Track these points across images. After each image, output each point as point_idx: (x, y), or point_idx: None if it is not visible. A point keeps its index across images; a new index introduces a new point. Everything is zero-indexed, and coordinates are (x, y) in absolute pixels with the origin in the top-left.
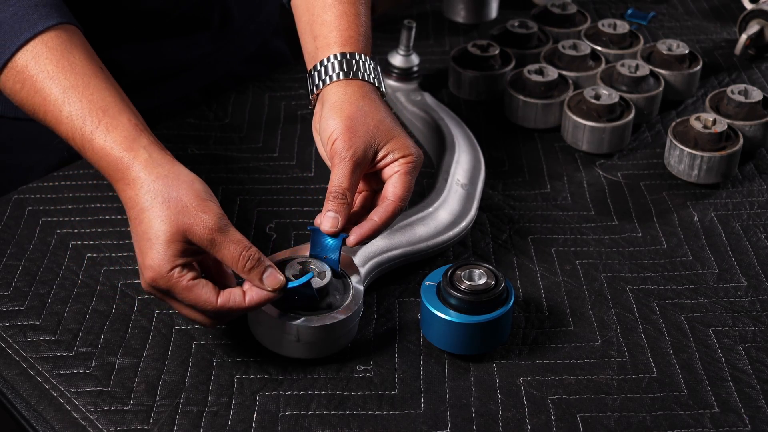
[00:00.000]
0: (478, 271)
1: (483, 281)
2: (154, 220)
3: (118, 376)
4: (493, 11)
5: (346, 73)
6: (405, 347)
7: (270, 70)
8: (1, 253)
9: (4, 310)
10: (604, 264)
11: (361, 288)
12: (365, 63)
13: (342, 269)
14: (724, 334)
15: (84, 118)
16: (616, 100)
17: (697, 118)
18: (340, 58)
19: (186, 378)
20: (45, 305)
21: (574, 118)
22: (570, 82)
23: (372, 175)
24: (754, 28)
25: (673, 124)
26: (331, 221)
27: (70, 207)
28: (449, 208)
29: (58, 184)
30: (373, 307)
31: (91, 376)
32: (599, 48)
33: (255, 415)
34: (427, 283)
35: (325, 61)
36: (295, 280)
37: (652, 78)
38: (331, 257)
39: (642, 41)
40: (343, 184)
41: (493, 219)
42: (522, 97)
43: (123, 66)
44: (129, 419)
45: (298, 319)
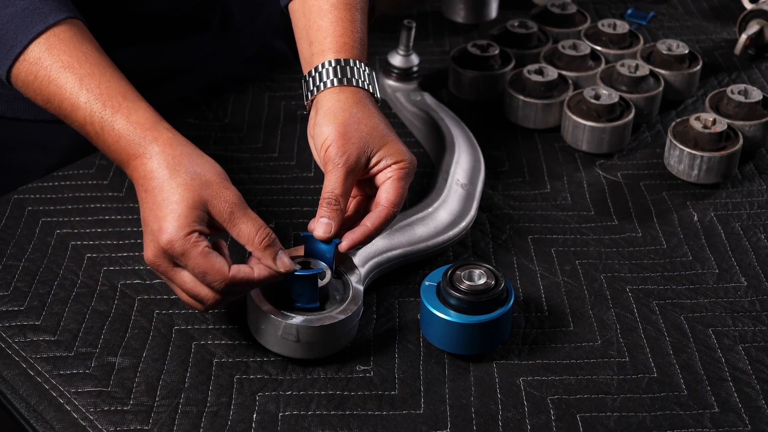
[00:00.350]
0: (478, 271)
1: (483, 281)
2: (178, 188)
3: (118, 376)
4: (493, 11)
5: (341, 79)
6: (405, 347)
7: (270, 71)
8: (1, 253)
9: (4, 310)
10: (604, 264)
11: (361, 288)
12: (360, 69)
13: (342, 269)
14: (723, 334)
15: (104, 102)
16: (616, 100)
17: (697, 118)
18: (335, 65)
19: (186, 378)
20: (45, 305)
21: (574, 118)
22: (570, 82)
23: (365, 181)
24: (754, 28)
25: (673, 124)
26: (324, 227)
27: (70, 207)
28: (449, 208)
29: (57, 184)
30: (373, 307)
31: (90, 376)
32: (599, 48)
33: (255, 415)
34: (427, 283)
35: (320, 67)
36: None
37: (652, 78)
38: (324, 263)
39: (642, 41)
40: (337, 190)
41: (492, 219)
42: (522, 97)
43: (124, 67)
44: (129, 419)
45: (298, 319)
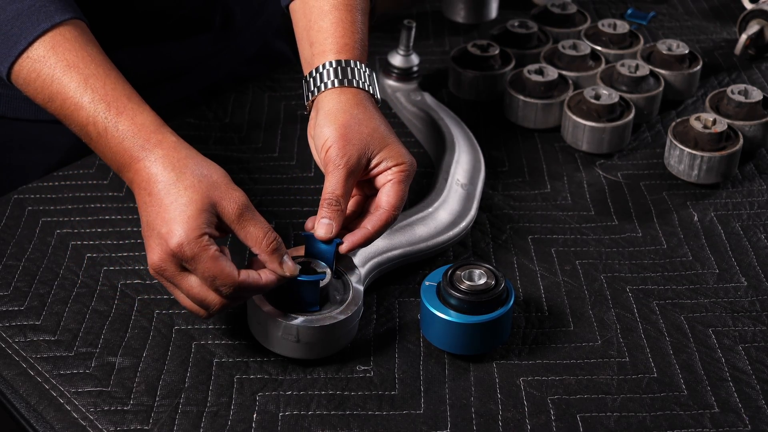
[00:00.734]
0: (478, 271)
1: (483, 281)
2: (186, 190)
3: (118, 376)
4: (493, 11)
5: (341, 80)
6: (405, 347)
7: (270, 71)
8: (1, 253)
9: (4, 310)
10: (604, 264)
11: (361, 288)
12: (360, 70)
13: (342, 269)
14: (724, 334)
15: (109, 103)
16: (616, 100)
17: (697, 118)
18: (336, 66)
19: (186, 378)
20: (45, 305)
21: (574, 118)
22: (570, 82)
23: (365, 182)
24: (754, 28)
25: (673, 124)
26: (325, 228)
27: (70, 207)
28: (449, 208)
29: (58, 184)
30: (373, 307)
31: (91, 376)
32: (599, 48)
33: (255, 415)
34: (427, 283)
35: (321, 68)
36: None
37: (652, 78)
38: (325, 263)
39: (642, 41)
40: (337, 191)
41: (493, 219)
42: (522, 97)
43: (125, 67)
44: (129, 419)
45: (298, 319)
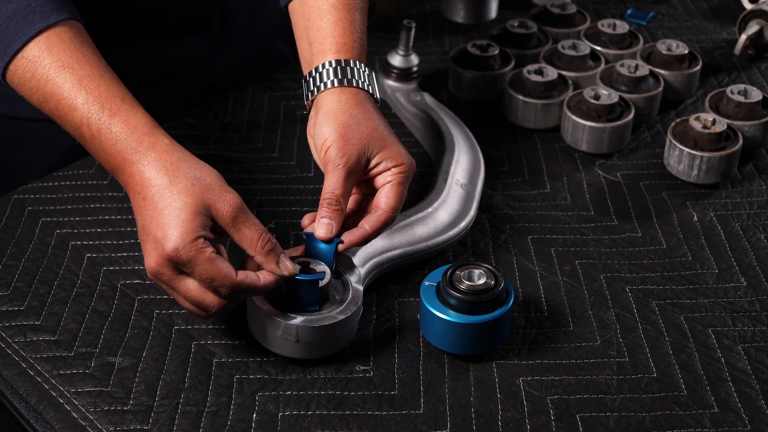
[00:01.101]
0: (477, 271)
1: (482, 281)
2: (179, 194)
3: (118, 376)
4: (493, 11)
5: (341, 80)
6: (405, 347)
7: (270, 71)
8: (1, 253)
9: (4, 310)
10: (603, 264)
11: (361, 288)
12: (360, 70)
13: (341, 269)
14: (723, 334)
15: (102, 105)
16: (616, 100)
17: (697, 118)
18: (335, 65)
19: (186, 378)
20: (45, 305)
21: (574, 118)
22: (569, 82)
23: (364, 181)
24: (753, 28)
25: (673, 124)
26: (325, 227)
27: (70, 207)
28: (449, 208)
29: (57, 184)
30: (373, 307)
31: (90, 376)
32: (599, 48)
33: (255, 415)
34: (426, 283)
35: (320, 68)
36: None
37: (652, 78)
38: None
39: (641, 41)
40: (337, 190)
41: (492, 219)
42: (521, 97)
43: (123, 67)
44: (129, 419)
45: (297, 319)
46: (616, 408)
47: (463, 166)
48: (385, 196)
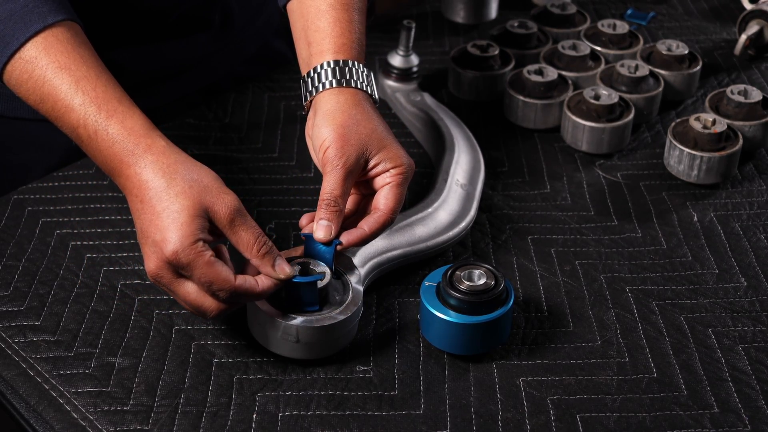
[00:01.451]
0: (477, 272)
1: (482, 281)
2: (177, 197)
3: (118, 376)
4: (493, 11)
5: (339, 80)
6: (405, 347)
7: (270, 71)
8: (1, 253)
9: (4, 310)
10: (603, 264)
11: (361, 288)
12: (358, 70)
13: (341, 270)
14: (723, 334)
15: (99, 106)
16: (616, 100)
17: (697, 119)
18: (333, 66)
19: (186, 378)
20: (45, 306)
21: (574, 118)
22: (570, 82)
23: (362, 182)
24: (753, 28)
25: (673, 124)
26: (324, 230)
27: (70, 207)
28: (449, 209)
29: (57, 184)
30: (373, 307)
31: (90, 376)
32: (599, 48)
33: (255, 416)
34: (426, 283)
35: (319, 68)
36: (302, 276)
37: (652, 78)
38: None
39: (641, 41)
40: (336, 191)
41: (492, 219)
42: (522, 98)
43: (123, 67)
44: (129, 419)
45: (297, 319)
46: (616, 408)
47: (463, 167)
48: (384, 197)
